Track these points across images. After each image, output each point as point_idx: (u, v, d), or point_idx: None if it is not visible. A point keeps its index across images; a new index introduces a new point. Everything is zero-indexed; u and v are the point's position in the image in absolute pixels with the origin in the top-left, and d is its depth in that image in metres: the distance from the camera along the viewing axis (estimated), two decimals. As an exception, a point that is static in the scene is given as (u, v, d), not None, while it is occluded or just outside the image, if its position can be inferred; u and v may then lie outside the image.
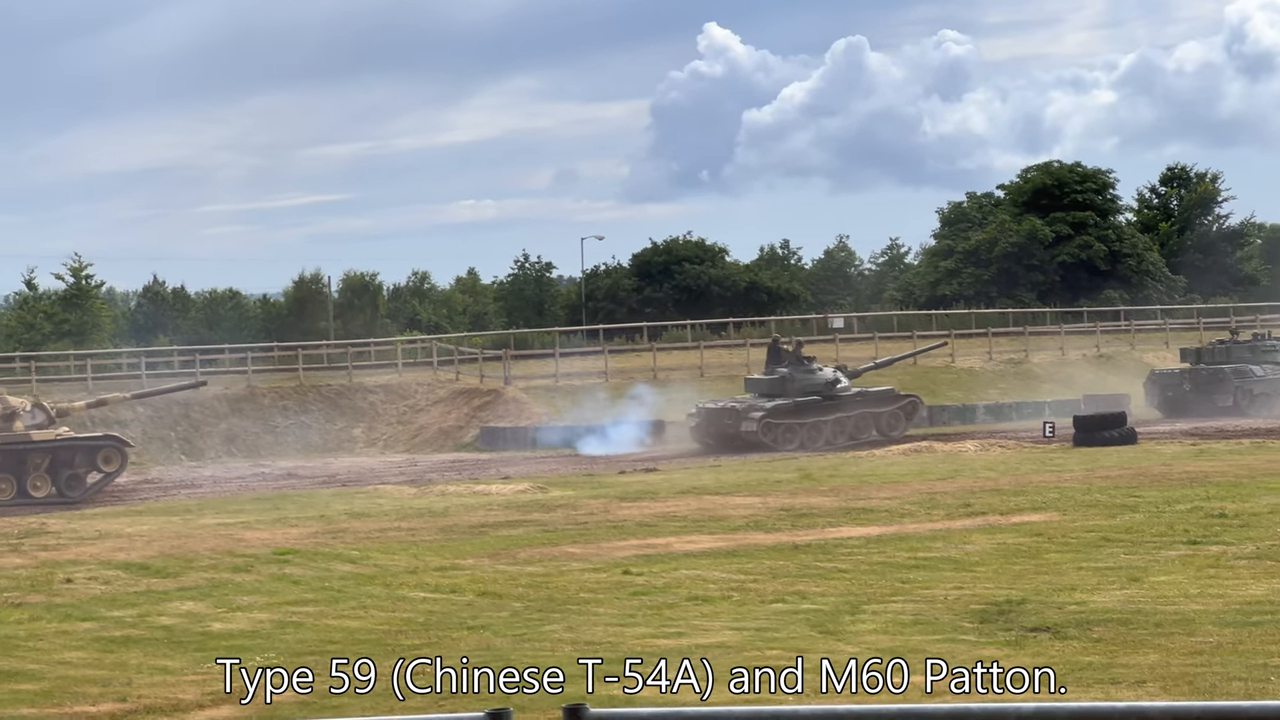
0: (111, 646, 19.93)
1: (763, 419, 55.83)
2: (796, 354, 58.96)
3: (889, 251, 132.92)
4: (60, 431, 48.57)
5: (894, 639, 17.82)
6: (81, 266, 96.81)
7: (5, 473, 47.41)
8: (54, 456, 48.05)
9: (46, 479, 47.88)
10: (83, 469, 48.70)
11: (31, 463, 47.71)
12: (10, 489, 47.24)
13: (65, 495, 47.26)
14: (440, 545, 29.15)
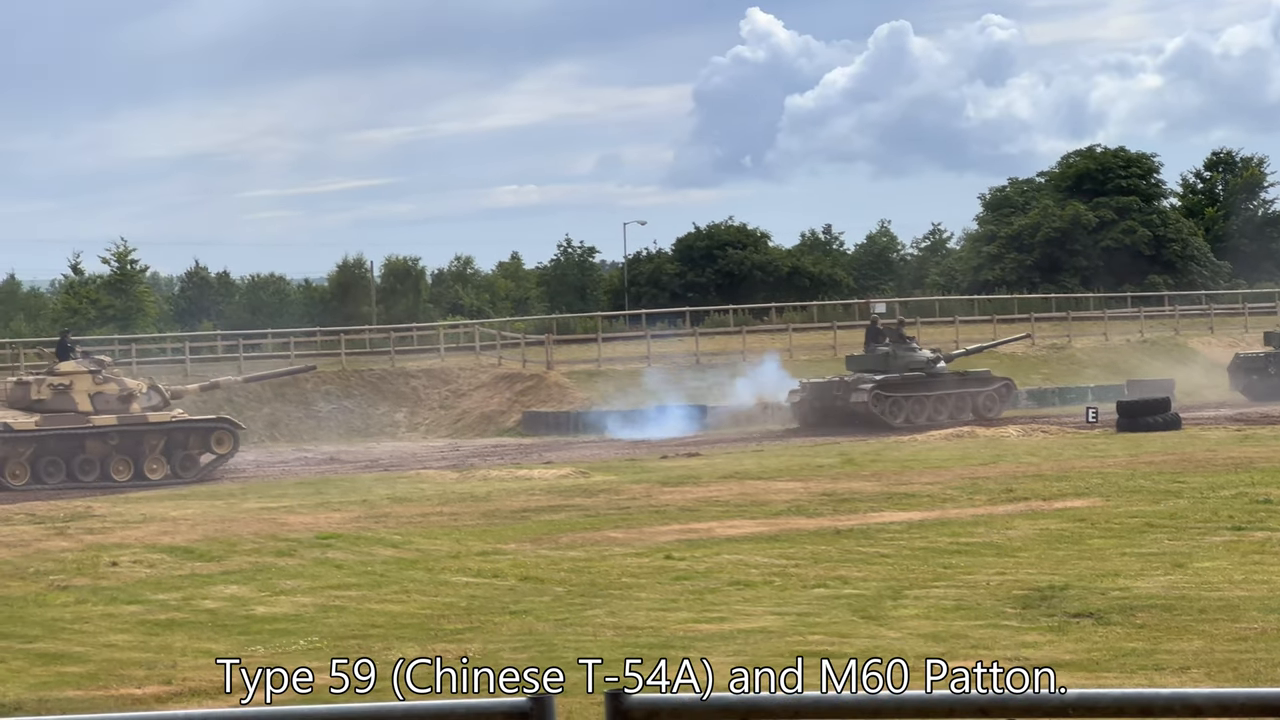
0: (156, 629, 20.02)
1: (873, 390, 56.71)
2: (898, 332, 60.02)
3: (931, 237, 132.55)
4: (174, 413, 49.27)
5: (936, 624, 17.80)
6: (126, 251, 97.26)
7: (123, 454, 47.98)
8: (169, 438, 48.71)
9: (162, 460, 48.49)
10: (196, 450, 49.35)
11: (148, 444, 48.33)
12: (128, 470, 47.85)
13: (179, 476, 47.81)
14: (482, 530, 29.20)
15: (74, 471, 47.15)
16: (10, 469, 46.49)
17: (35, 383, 47.87)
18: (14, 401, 47.86)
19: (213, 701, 15.45)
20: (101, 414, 47.65)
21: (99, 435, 47.55)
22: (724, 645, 16.93)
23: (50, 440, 47.04)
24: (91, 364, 48.94)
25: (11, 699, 15.92)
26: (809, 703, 5.20)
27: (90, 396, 47.84)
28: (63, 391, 47.65)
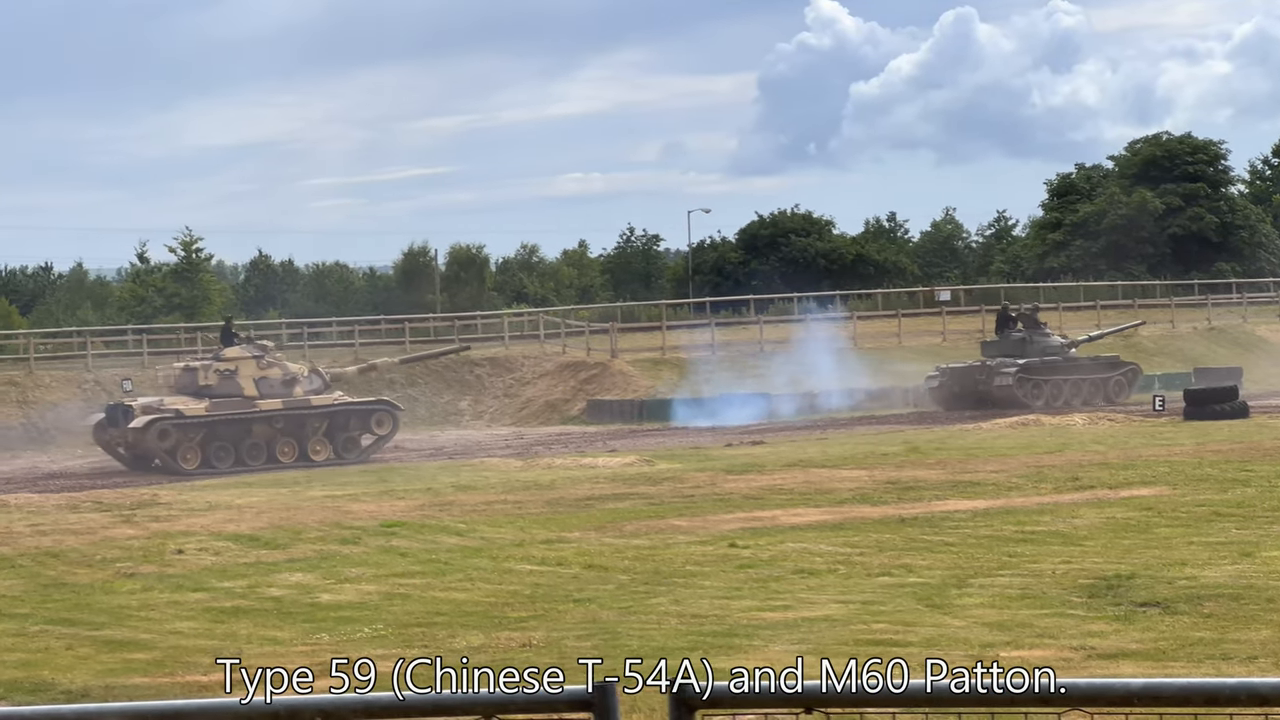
0: (222, 617, 20.11)
1: (1016, 373, 57.70)
2: (1032, 318, 60.75)
3: (996, 224, 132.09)
4: (336, 396, 50.34)
5: (1001, 613, 17.72)
6: (191, 240, 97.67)
7: (288, 436, 49.05)
8: (331, 420, 49.75)
9: (325, 442, 49.51)
10: (357, 432, 50.30)
11: (311, 426, 49.41)
12: (293, 452, 48.88)
13: (341, 458, 48.77)
14: (546, 518, 29.23)
15: (242, 455, 48.21)
16: (183, 453, 47.54)
17: (202, 369, 48.97)
18: (182, 388, 49.01)
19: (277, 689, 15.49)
20: (266, 398, 48.77)
21: (265, 419, 48.67)
22: (788, 634, 16.90)
23: (219, 425, 48.11)
24: (255, 349, 49.99)
25: (79, 685, 16.01)
26: (873, 693, 5.17)
27: (255, 381, 48.91)
28: (229, 377, 48.68)
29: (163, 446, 47.30)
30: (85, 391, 62.11)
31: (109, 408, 49.71)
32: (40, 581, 24.01)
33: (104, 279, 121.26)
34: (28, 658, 17.82)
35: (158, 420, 47.27)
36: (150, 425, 47.12)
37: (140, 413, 47.61)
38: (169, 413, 47.52)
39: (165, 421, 47.34)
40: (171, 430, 47.43)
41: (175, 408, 47.68)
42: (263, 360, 49.33)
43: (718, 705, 5.28)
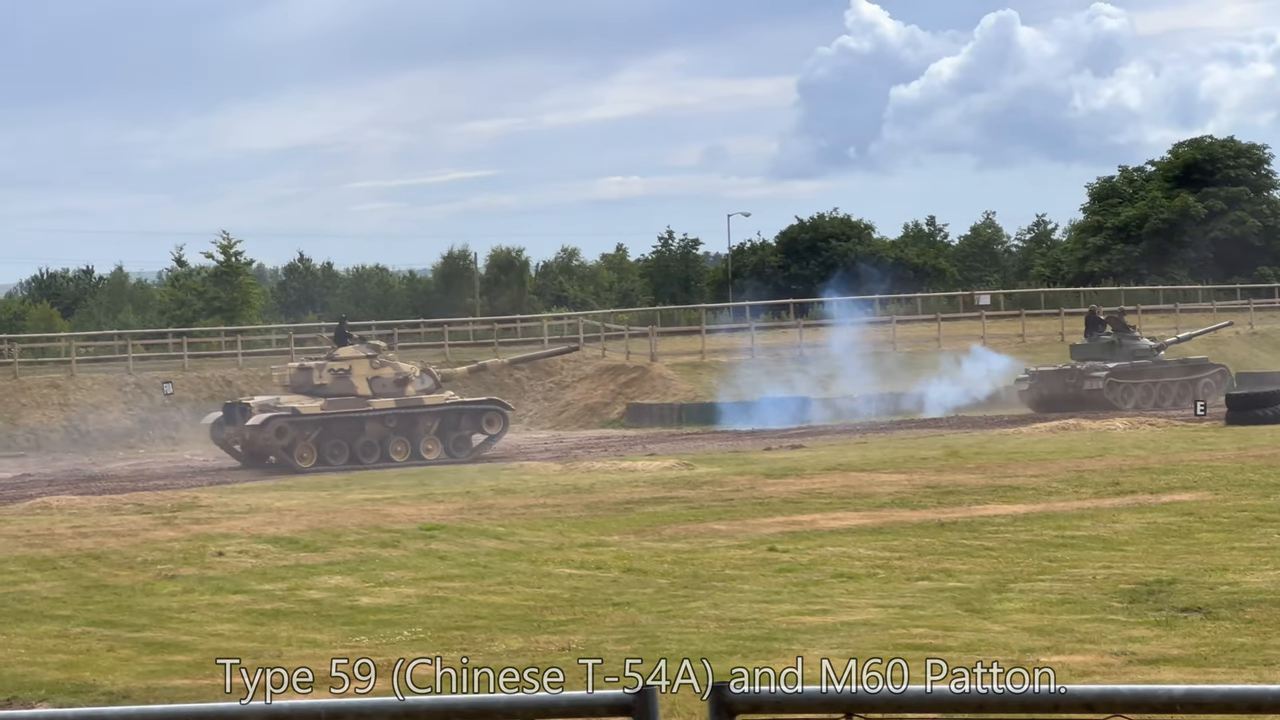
0: (262, 619, 20.16)
1: (1107, 377, 57.98)
2: (1120, 321, 61.19)
3: (1036, 228, 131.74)
4: (446, 396, 51.17)
5: (1041, 618, 17.67)
6: (231, 244, 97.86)
7: (401, 435, 49.90)
8: (443, 420, 50.64)
9: (437, 441, 50.34)
10: (468, 431, 51.14)
11: (423, 425, 50.27)
12: (406, 450, 49.68)
13: (453, 456, 49.49)
14: (586, 522, 29.23)
15: (356, 453, 49.10)
16: (299, 451, 48.47)
17: (316, 368, 49.89)
18: (297, 386, 49.91)
19: (317, 691, 15.52)
20: (379, 397, 49.69)
21: (378, 418, 49.58)
22: (827, 638, 16.88)
23: (334, 423, 49.07)
24: (368, 349, 50.97)
25: (120, 687, 16.07)
26: (912, 697, 5.16)
27: (368, 381, 49.86)
28: (343, 376, 49.62)
29: (279, 444, 48.28)
30: (126, 395, 62.38)
31: (226, 406, 50.89)
32: (82, 583, 24.10)
33: (145, 282, 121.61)
34: (69, 659, 17.89)
35: (274, 418, 48.28)
36: (267, 423, 48.13)
37: (257, 411, 48.65)
38: (285, 411, 48.55)
39: (282, 419, 48.37)
40: (288, 428, 48.42)
41: (292, 406, 48.71)
42: (375, 360, 50.32)
43: (758, 710, 5.28)
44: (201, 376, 64.80)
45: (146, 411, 61.97)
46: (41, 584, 24.21)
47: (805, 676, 14.86)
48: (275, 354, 70.71)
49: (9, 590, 23.65)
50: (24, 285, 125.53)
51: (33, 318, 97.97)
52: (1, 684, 16.60)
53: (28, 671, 17.23)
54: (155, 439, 60.60)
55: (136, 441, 60.07)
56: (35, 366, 66.29)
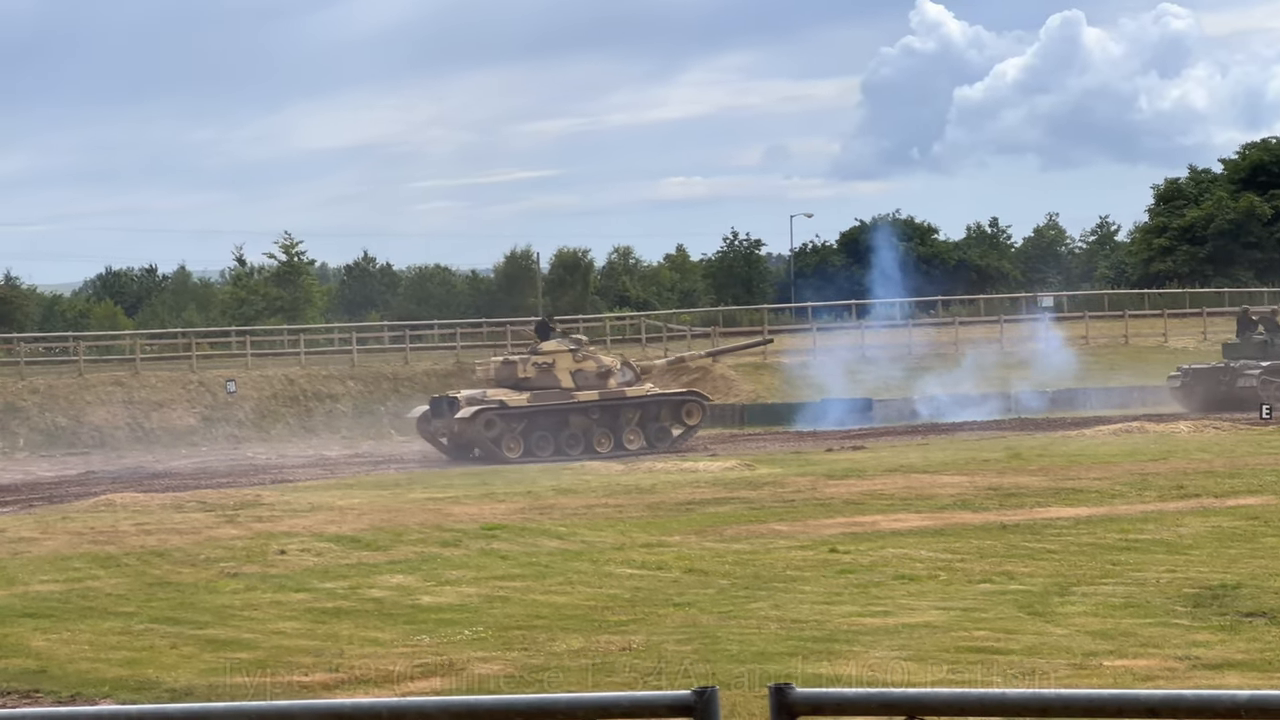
0: (324, 618, 20.23)
1: (1261, 375, 57.96)
2: (1273, 321, 61.01)
3: (1099, 229, 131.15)
4: (647, 388, 52.26)
5: (1104, 622, 17.58)
6: (293, 243, 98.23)
7: (603, 427, 50.91)
8: (644, 411, 51.68)
9: (638, 432, 51.33)
10: (668, 422, 52.05)
11: (625, 417, 51.29)
12: (609, 442, 50.62)
13: (653, 447, 50.44)
14: (647, 522, 29.23)
15: (561, 445, 50.05)
16: (506, 443, 49.46)
17: (521, 362, 51.01)
18: (502, 380, 50.89)
19: (379, 690, 15.57)
20: (583, 390, 50.65)
21: (582, 410, 50.59)
22: (888, 639, 16.83)
23: (540, 415, 50.08)
24: (571, 343, 52.05)
25: (183, 684, 16.14)
26: (974, 699, 5.15)
27: (571, 374, 50.87)
28: (546, 369, 50.64)
29: (488, 436, 49.27)
30: (189, 392, 62.69)
31: (433, 400, 51.80)
32: (145, 580, 24.22)
33: (208, 281, 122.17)
34: (133, 656, 17.99)
35: (483, 411, 49.26)
36: (477, 416, 49.14)
37: (465, 404, 49.62)
38: (493, 404, 49.55)
39: (490, 412, 49.35)
40: (496, 420, 49.43)
41: (499, 399, 49.72)
42: (578, 353, 51.42)
43: (819, 711, 5.27)
44: (264, 375, 65.06)
45: (209, 409, 62.26)
46: (106, 581, 24.35)
47: (866, 678, 14.84)
48: (337, 353, 70.95)
49: (74, 587, 23.79)
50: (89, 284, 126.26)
51: (97, 316, 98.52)
52: (66, 680, 16.70)
53: (92, 668, 17.33)
54: (218, 437, 60.88)
55: (199, 439, 60.37)
56: (100, 364, 66.66)
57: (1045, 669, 14.99)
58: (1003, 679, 14.60)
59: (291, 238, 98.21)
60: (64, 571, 25.50)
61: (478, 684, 15.48)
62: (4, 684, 16.77)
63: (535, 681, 15.49)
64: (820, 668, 15.36)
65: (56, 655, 18.23)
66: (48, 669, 17.37)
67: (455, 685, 15.54)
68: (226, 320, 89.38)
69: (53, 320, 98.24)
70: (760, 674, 14.80)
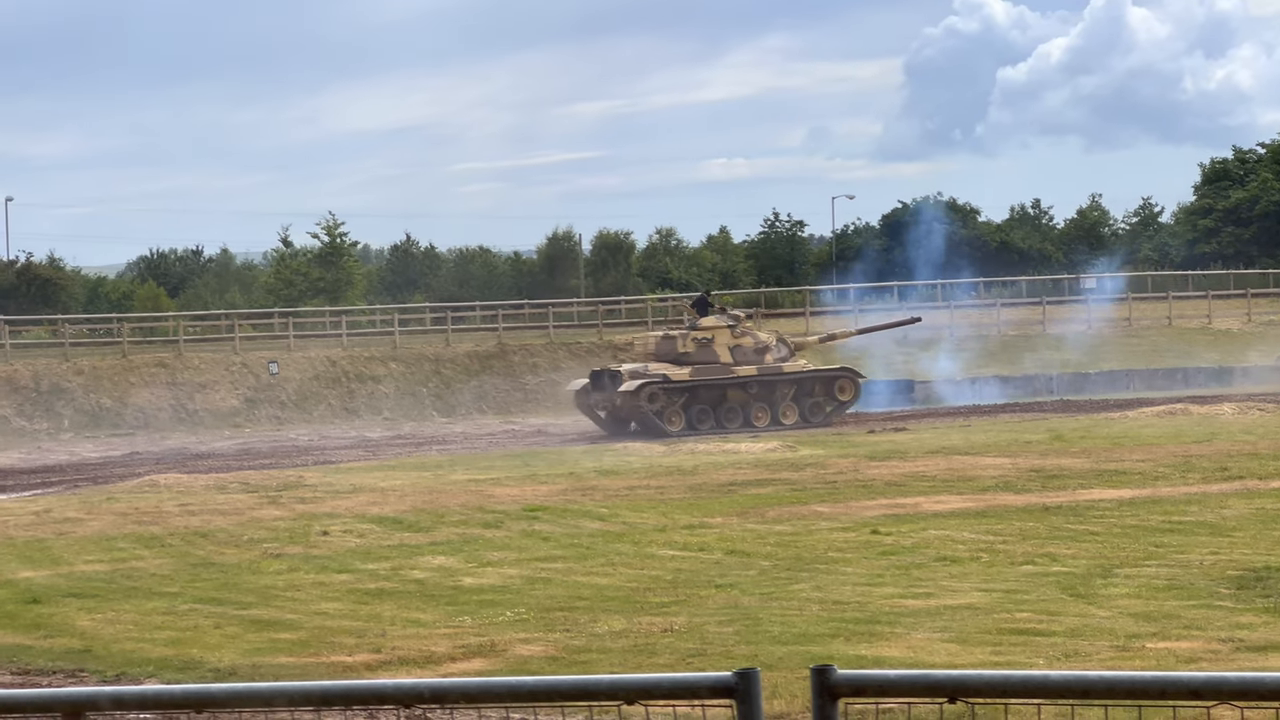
0: (366, 598, 20.28)
1: None
2: None
3: (1142, 211, 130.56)
4: (801, 363, 53.52)
5: (1147, 604, 17.52)
6: (335, 224, 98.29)
7: (760, 401, 52.30)
8: (799, 386, 53.03)
9: (794, 407, 52.62)
10: (821, 398, 53.41)
11: (780, 392, 52.60)
12: (765, 416, 52.06)
13: (808, 421, 51.90)
14: (689, 503, 29.24)
15: (720, 418, 51.44)
16: (669, 416, 50.91)
17: (680, 337, 52.37)
18: (662, 355, 52.30)
19: (421, 670, 15.60)
20: (741, 365, 52.08)
21: (740, 385, 52.06)
22: (930, 621, 16.81)
23: (700, 390, 51.58)
24: (728, 319, 53.35)
25: (227, 664, 16.20)
26: (1017, 681, 5.14)
27: (730, 349, 52.26)
28: (705, 345, 52.03)
29: (651, 409, 50.63)
30: (232, 374, 62.87)
31: (594, 373, 53.25)
32: (189, 561, 24.33)
33: (251, 263, 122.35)
34: (177, 635, 18.06)
35: (647, 384, 50.70)
36: (641, 389, 50.57)
37: (629, 378, 50.97)
38: (657, 377, 50.93)
39: (654, 385, 50.80)
40: (659, 394, 50.91)
41: (662, 373, 51.08)
42: (736, 329, 52.76)
43: (861, 692, 5.26)
44: (306, 356, 65.21)
45: (252, 391, 62.43)
46: (150, 561, 24.46)
47: (908, 660, 14.83)
48: (379, 334, 71.08)
49: (119, 567, 23.90)
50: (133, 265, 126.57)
51: (140, 297, 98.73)
52: (111, 660, 16.77)
53: (137, 648, 17.41)
54: (261, 418, 61.06)
55: (242, 421, 60.55)
56: (144, 346, 66.91)
57: (1088, 651, 14.95)
58: (1045, 661, 14.57)
59: (335, 218, 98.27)
60: (109, 552, 25.63)
61: (519, 665, 15.51)
62: (50, 663, 16.85)
63: (577, 662, 15.51)
64: (862, 649, 15.35)
65: (101, 635, 18.32)
66: (93, 648, 17.45)
67: (497, 666, 15.57)
68: (269, 302, 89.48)
69: (97, 302, 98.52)
70: (802, 655, 14.79)
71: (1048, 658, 14.70)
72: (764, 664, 13.48)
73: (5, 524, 29.61)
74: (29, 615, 20.01)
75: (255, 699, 5.82)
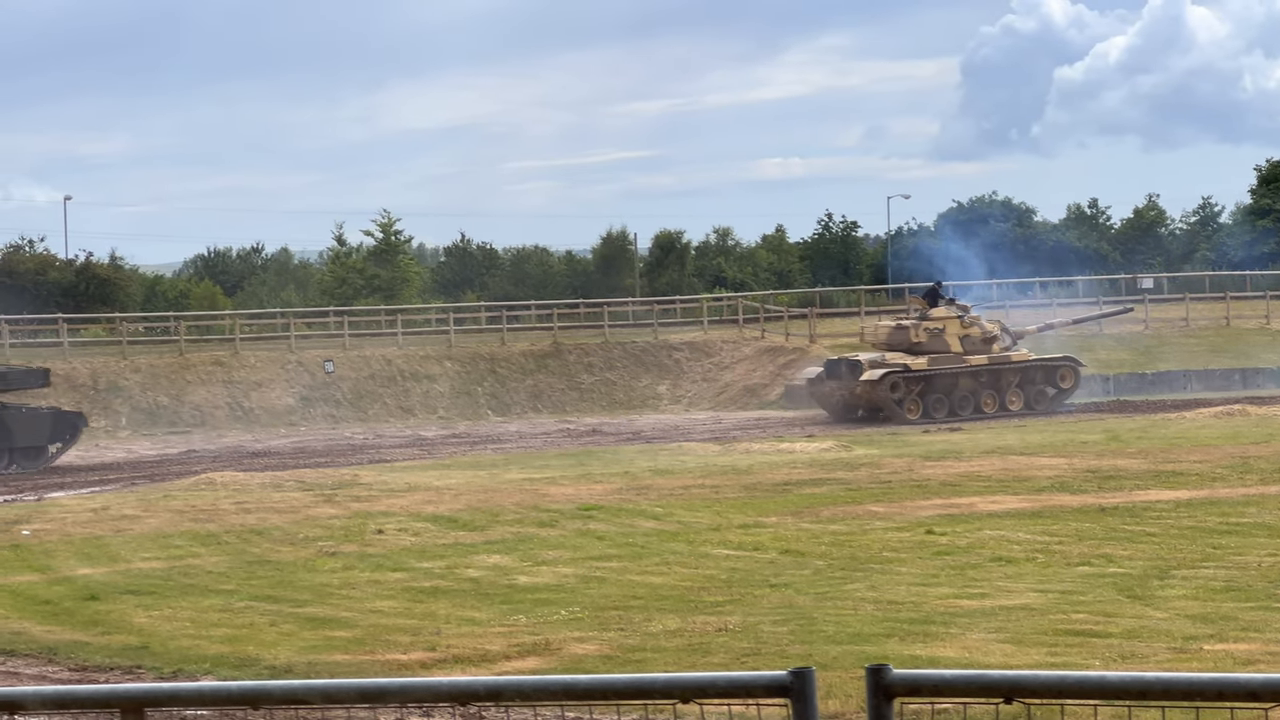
0: (421, 597, 20.33)
1: None
2: None
3: (1201, 211, 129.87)
4: (1023, 352, 55.03)
5: (1204, 605, 17.44)
6: (391, 223, 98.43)
7: (989, 389, 53.95)
8: (1023, 375, 54.54)
9: (1019, 394, 54.21)
10: (1044, 385, 54.89)
11: (1006, 380, 54.14)
12: (994, 404, 53.72)
13: (1032, 408, 53.64)
14: (744, 503, 29.22)
15: (954, 406, 52.99)
16: (907, 404, 52.43)
17: (913, 327, 53.86)
18: (894, 344, 53.88)
19: (475, 669, 15.64)
20: (971, 354, 53.66)
21: (971, 373, 53.64)
22: (985, 621, 16.76)
23: (936, 378, 53.12)
24: (957, 309, 54.84)
25: (283, 661, 16.26)
26: (1073, 682, 5.12)
27: (960, 339, 53.81)
28: (937, 335, 53.67)
29: (892, 397, 52.15)
30: (287, 372, 63.09)
31: (829, 362, 54.62)
32: (245, 558, 24.43)
33: (306, 261, 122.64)
34: (233, 633, 18.14)
35: (890, 373, 52.27)
36: (884, 378, 52.14)
37: (869, 367, 52.30)
38: (898, 367, 52.52)
39: (896, 375, 52.35)
40: (901, 383, 52.50)
41: (902, 362, 52.65)
42: (964, 319, 54.20)
43: (917, 692, 5.25)
44: (362, 355, 65.39)
45: (308, 389, 62.63)
46: (206, 558, 24.57)
47: (964, 661, 14.79)
48: (434, 333, 71.20)
49: (175, 564, 24.02)
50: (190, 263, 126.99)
51: (196, 296, 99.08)
52: (167, 657, 16.85)
53: (193, 645, 17.49)
54: (316, 417, 61.25)
55: (298, 419, 60.75)
56: (200, 344, 67.19)
57: (1145, 652, 14.89)
58: (1101, 662, 14.52)
59: (389, 216, 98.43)
60: (165, 549, 25.75)
61: (574, 664, 15.52)
62: (107, 660, 16.95)
63: (631, 661, 15.52)
64: (917, 649, 15.32)
65: (158, 632, 18.41)
66: (150, 645, 17.54)
67: (551, 665, 15.59)
68: (325, 300, 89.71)
69: (154, 300, 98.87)
70: (857, 655, 14.77)
71: (1104, 659, 14.64)
72: (818, 663, 13.47)
73: (64, 521, 29.79)
74: (87, 612, 20.13)
75: (311, 696, 5.84)
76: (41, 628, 19.18)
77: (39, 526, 29.20)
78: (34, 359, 56.57)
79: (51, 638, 18.49)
